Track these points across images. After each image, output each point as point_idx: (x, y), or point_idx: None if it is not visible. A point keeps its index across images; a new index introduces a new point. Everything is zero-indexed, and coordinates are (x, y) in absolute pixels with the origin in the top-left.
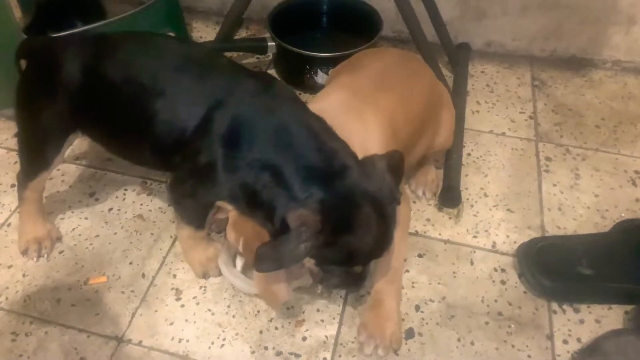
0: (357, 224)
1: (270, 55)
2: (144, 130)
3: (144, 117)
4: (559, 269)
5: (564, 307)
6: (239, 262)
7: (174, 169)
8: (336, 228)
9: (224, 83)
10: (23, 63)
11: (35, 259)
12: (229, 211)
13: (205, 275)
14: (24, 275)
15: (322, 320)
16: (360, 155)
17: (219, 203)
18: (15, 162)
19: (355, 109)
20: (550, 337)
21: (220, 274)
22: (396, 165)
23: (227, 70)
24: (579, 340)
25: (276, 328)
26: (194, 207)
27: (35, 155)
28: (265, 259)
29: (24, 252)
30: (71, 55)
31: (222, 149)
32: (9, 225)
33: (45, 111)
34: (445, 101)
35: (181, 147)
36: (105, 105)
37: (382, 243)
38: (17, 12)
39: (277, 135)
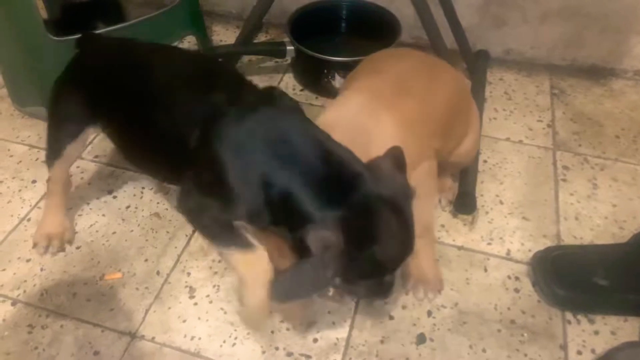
0: (380, 232)
1: (288, 59)
2: (150, 137)
3: (150, 124)
4: (574, 278)
5: (579, 317)
6: None
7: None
8: (360, 242)
9: (228, 97)
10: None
11: (41, 255)
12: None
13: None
14: (41, 269)
15: (334, 323)
16: None
17: (237, 224)
18: (37, 159)
19: (372, 112)
20: (564, 347)
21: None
22: (400, 161)
23: (231, 83)
24: (593, 351)
25: (287, 329)
26: (213, 225)
27: (53, 141)
28: (286, 289)
29: (34, 245)
30: (102, 53)
31: (225, 163)
32: (28, 220)
33: (68, 98)
34: (473, 112)
35: (188, 160)
36: (119, 107)
37: (407, 245)
38: (43, 14)
39: (282, 148)
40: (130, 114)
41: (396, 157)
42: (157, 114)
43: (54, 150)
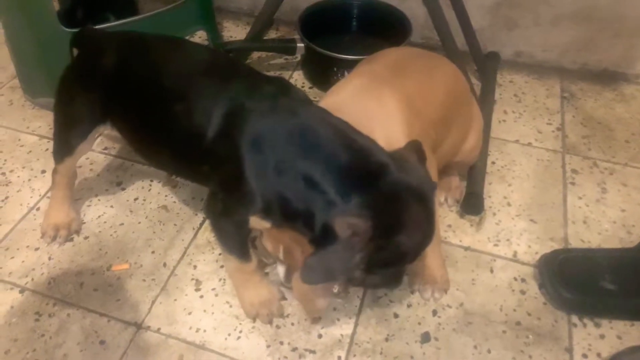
0: (408, 222)
1: (298, 56)
2: (164, 131)
3: (164, 119)
4: (581, 282)
5: (585, 320)
6: (281, 270)
7: (203, 180)
8: (388, 230)
9: (242, 89)
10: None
11: (47, 244)
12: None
13: (255, 318)
14: (49, 258)
15: (338, 319)
16: (383, 137)
17: (253, 221)
18: (47, 149)
19: (374, 92)
20: (569, 350)
21: (270, 321)
22: (421, 154)
23: (245, 77)
24: (598, 355)
25: (292, 324)
26: (229, 228)
27: (62, 139)
28: (314, 271)
29: (42, 235)
30: (109, 49)
31: (246, 156)
32: (37, 209)
33: (77, 98)
34: (475, 109)
35: (203, 154)
36: (131, 103)
37: (429, 235)
38: (56, 6)
39: (303, 136)
40: (144, 109)
41: (417, 150)
42: (172, 107)
43: (64, 148)
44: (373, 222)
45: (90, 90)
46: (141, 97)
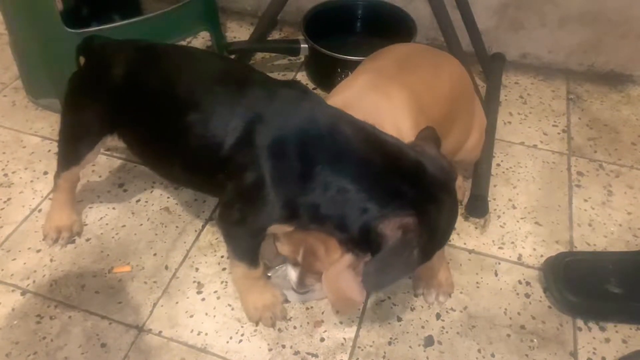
0: (444, 216)
1: (302, 57)
2: (177, 141)
3: (177, 129)
4: (586, 285)
5: (590, 324)
6: (293, 274)
7: (215, 190)
8: (432, 226)
9: (261, 95)
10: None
11: (49, 246)
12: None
13: (258, 322)
14: (51, 260)
15: (341, 323)
16: (393, 133)
17: (274, 227)
18: (49, 151)
19: (381, 87)
20: (573, 354)
21: (273, 324)
22: (438, 141)
23: (262, 83)
24: (603, 359)
25: (295, 327)
26: (244, 236)
27: (69, 148)
28: (377, 276)
29: (44, 237)
30: (118, 60)
31: (269, 162)
32: (39, 211)
33: (86, 109)
34: (477, 107)
35: (219, 164)
36: (141, 114)
37: (454, 224)
38: (59, 6)
39: (332, 140)
40: (155, 119)
41: (433, 138)
42: (186, 117)
43: (70, 157)
44: (419, 219)
45: (99, 100)
46: (152, 107)
